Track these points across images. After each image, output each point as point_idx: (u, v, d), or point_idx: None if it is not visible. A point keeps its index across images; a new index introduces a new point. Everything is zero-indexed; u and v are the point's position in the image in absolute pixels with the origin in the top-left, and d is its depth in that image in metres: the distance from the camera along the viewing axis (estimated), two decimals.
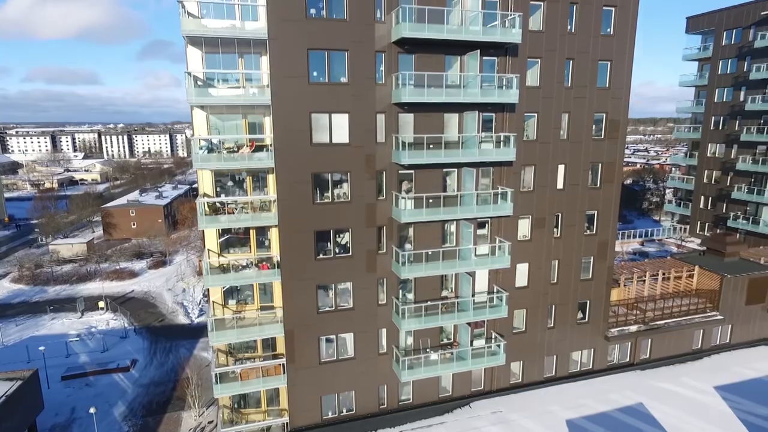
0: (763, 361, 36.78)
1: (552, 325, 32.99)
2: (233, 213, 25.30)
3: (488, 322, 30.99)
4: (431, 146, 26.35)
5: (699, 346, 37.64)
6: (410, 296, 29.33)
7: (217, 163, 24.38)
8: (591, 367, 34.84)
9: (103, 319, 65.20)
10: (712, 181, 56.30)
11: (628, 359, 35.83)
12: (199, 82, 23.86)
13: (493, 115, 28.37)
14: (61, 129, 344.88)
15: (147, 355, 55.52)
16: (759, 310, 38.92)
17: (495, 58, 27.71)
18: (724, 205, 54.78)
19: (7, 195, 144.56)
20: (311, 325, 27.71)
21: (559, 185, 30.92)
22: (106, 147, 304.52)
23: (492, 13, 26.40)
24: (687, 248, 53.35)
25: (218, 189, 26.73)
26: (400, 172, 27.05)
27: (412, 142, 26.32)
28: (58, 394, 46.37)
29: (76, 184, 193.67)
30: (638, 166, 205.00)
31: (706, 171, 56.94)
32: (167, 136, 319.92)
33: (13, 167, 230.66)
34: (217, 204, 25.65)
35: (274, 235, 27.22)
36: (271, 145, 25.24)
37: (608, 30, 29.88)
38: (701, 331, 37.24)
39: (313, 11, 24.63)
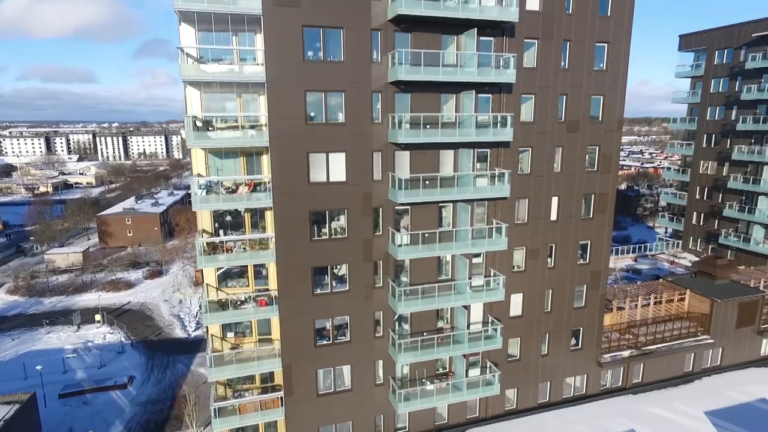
0: (753, 384, 37.48)
1: (546, 352, 33.53)
2: (231, 251, 25.64)
3: (483, 351, 31.47)
4: (427, 183, 26.75)
5: (690, 368, 38.31)
6: (406, 327, 29.77)
7: (216, 203, 24.73)
8: (584, 392, 35.43)
9: (100, 333, 65.33)
10: (704, 198, 57.04)
11: (620, 383, 36.45)
12: (198, 123, 24.15)
13: (488, 150, 28.81)
14: (56, 130, 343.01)
15: (144, 371, 55.75)
16: (749, 332, 39.63)
17: (490, 95, 28.15)
18: (716, 221, 55.54)
19: (0, 199, 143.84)
20: (309, 358, 28.11)
21: (553, 217, 31.42)
22: (101, 148, 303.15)
23: (487, 54, 26.73)
24: (680, 264, 54.08)
25: (216, 225, 27.06)
26: (396, 208, 27.47)
27: (408, 179, 26.72)
28: (55, 413, 46.54)
29: (71, 188, 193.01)
30: (633, 169, 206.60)
31: (698, 187, 57.68)
32: (162, 137, 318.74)
33: (7, 170, 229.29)
34: (216, 242, 25.99)
35: (272, 266, 27.56)
36: (269, 182, 25.58)
37: (601, 65, 30.37)
38: (692, 354, 37.91)
39: (310, 53, 24.96)
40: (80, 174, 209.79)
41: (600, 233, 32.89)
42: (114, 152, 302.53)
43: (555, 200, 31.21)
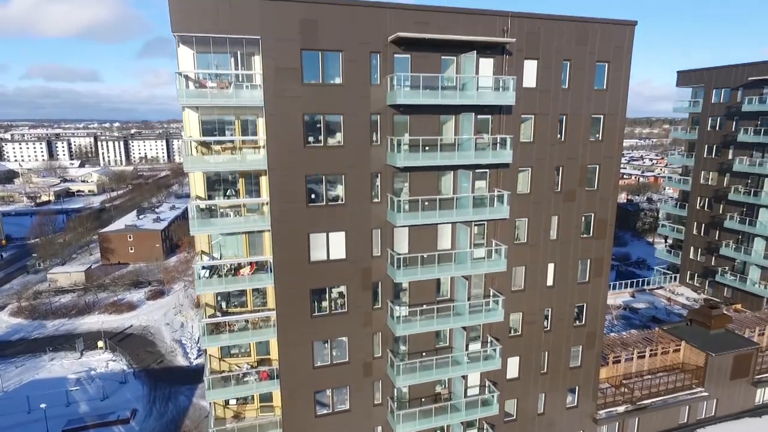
0: None
1: (542, 411, 34.12)
2: (234, 330, 26.25)
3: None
4: (425, 260, 27.32)
5: (685, 420, 38.87)
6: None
7: (219, 286, 25.33)
8: None
9: (102, 360, 65.98)
10: (701, 234, 57.55)
11: None
12: (202, 207, 24.75)
13: (485, 224, 29.33)
14: (57, 132, 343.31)
15: (146, 403, 56.40)
16: (744, 383, 40.18)
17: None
18: (713, 258, 56.04)
19: (3, 209, 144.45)
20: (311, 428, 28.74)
21: (549, 282, 31.98)
22: (103, 153, 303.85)
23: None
24: (676, 302, 54.60)
25: (219, 298, 27.66)
26: (395, 282, 27.99)
27: (407, 256, 27.31)
28: None
29: (73, 196, 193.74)
30: (633, 178, 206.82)
31: (695, 223, 58.17)
32: (164, 141, 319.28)
33: (9, 176, 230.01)
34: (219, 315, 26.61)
35: (273, 341, 28.16)
36: (271, 262, 26.15)
37: (597, 135, 30.89)
38: (687, 407, 38.47)
39: (311, 138, 25.52)
40: (82, 181, 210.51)
41: (595, 296, 33.44)
42: (115, 156, 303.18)
43: (551, 266, 31.77)
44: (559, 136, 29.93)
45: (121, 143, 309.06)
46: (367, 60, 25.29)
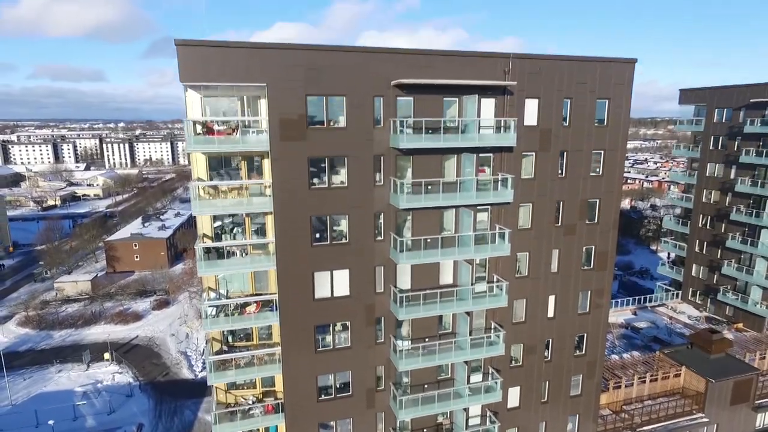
0: None
1: None
2: (240, 366, 26.85)
3: None
4: (428, 296, 27.81)
5: None
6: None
7: (226, 325, 25.93)
8: None
9: (109, 372, 66.80)
10: (703, 252, 57.77)
11: None
12: (210, 256, 25.33)
13: (487, 259, 29.78)
14: (63, 135, 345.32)
15: (152, 417, 57.12)
16: (744, 408, 40.49)
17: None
18: (715, 276, 56.27)
19: (10, 213, 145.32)
20: None
21: (550, 314, 32.42)
22: (108, 155, 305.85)
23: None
24: (678, 321, 54.85)
25: (225, 332, 28.25)
26: (398, 319, 28.48)
27: (410, 294, 27.85)
28: None
29: (79, 200, 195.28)
30: (636, 183, 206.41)
31: (697, 240, 58.41)
32: (168, 143, 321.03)
33: (16, 179, 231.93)
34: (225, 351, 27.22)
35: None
36: (276, 300, 26.73)
37: (597, 170, 31.28)
38: None
39: (315, 181, 26.06)
40: (88, 185, 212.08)
41: (596, 326, 33.86)
42: (121, 158, 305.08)
43: (552, 298, 32.21)
44: (559, 171, 30.34)
45: (126, 145, 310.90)
46: (371, 103, 25.79)
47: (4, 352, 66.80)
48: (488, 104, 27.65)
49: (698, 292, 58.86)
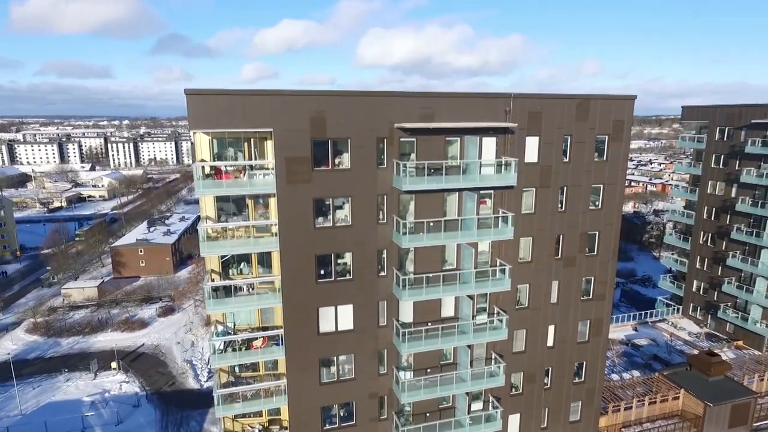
0: None
1: None
2: (247, 399, 27.64)
3: None
4: (429, 331, 28.50)
5: None
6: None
7: (234, 360, 26.72)
8: None
9: (116, 381, 67.73)
10: (704, 268, 58.18)
11: None
12: (218, 294, 26.09)
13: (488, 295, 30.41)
14: (68, 135, 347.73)
15: (159, 429, 58.01)
16: (741, 430, 41.02)
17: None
18: (716, 293, 56.70)
19: (16, 215, 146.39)
20: None
21: (550, 343, 33.06)
22: (113, 155, 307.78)
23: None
24: (678, 337, 55.34)
25: (234, 366, 29.04)
26: (400, 353, 29.18)
27: (410, 326, 28.55)
28: None
29: (84, 201, 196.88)
30: (640, 186, 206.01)
31: (698, 257, 58.83)
32: (173, 143, 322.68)
33: (22, 179, 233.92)
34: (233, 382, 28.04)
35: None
36: (282, 335, 27.49)
37: (597, 203, 31.83)
38: None
39: (320, 220, 26.74)
40: (93, 186, 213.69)
41: (595, 355, 34.50)
42: (125, 158, 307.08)
43: (551, 328, 32.84)
44: (559, 206, 30.91)
45: (131, 145, 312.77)
46: (374, 146, 26.42)
47: (13, 360, 68.02)
48: (489, 143, 28.23)
49: (699, 308, 59.34)
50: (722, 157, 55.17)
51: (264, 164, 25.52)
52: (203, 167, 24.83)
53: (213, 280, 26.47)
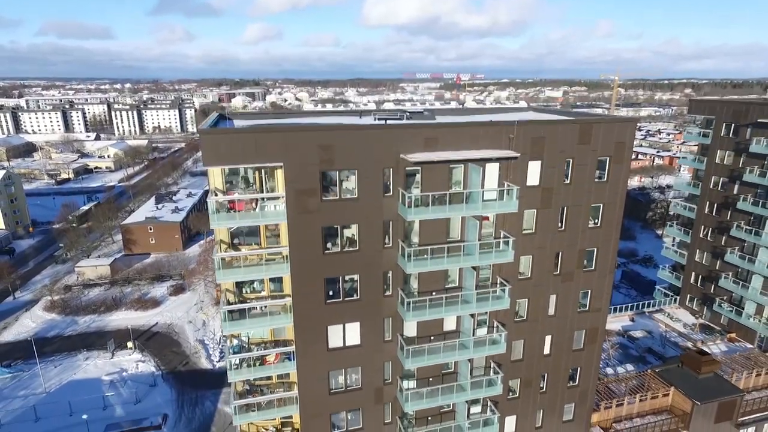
0: None
1: None
2: (262, 408, 29.76)
3: None
4: (431, 346, 30.23)
5: None
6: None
7: (248, 375, 28.65)
8: None
9: (132, 361, 70.99)
10: (703, 262, 59.39)
11: None
12: (233, 315, 27.73)
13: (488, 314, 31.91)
14: (71, 102, 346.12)
15: (175, 408, 61.26)
16: (727, 425, 43.31)
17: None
18: (713, 287, 58.12)
19: (25, 187, 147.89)
20: None
21: (546, 351, 34.82)
22: (117, 122, 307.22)
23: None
24: (674, 329, 57.20)
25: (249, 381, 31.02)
26: (405, 370, 31.01)
27: (414, 341, 30.26)
28: None
29: (91, 173, 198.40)
30: (647, 159, 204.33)
31: (698, 250, 59.92)
32: (176, 111, 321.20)
33: (28, 148, 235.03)
34: (248, 396, 30.13)
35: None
36: (294, 351, 29.32)
37: (596, 221, 32.81)
38: None
39: (329, 245, 27.98)
40: (99, 157, 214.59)
41: (589, 359, 36.31)
42: (129, 126, 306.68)
43: (548, 338, 34.54)
44: (559, 225, 31.93)
45: (135, 113, 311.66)
46: (380, 175, 27.34)
47: (34, 339, 71.31)
48: (492, 169, 29.04)
49: (695, 299, 60.94)
50: (726, 153, 55.37)
51: (275, 196, 26.54)
52: (217, 202, 25.90)
53: (229, 302, 28.03)
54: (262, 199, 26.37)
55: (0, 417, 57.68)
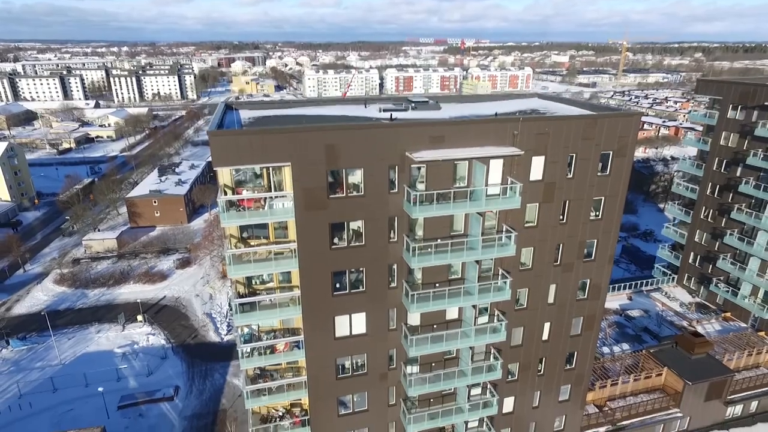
0: None
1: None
2: (273, 392, 31.29)
3: None
4: (434, 334, 31.45)
5: None
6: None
7: (259, 362, 30.00)
8: None
9: (143, 334, 73.17)
10: (702, 243, 60.18)
11: None
12: (244, 308, 28.79)
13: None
14: (68, 67, 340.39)
15: (186, 380, 63.67)
16: (717, 403, 45.18)
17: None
18: (711, 267, 59.12)
19: (27, 157, 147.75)
20: None
21: (545, 338, 36.09)
22: (116, 89, 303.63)
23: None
24: (670, 308, 58.58)
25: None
26: (409, 356, 32.30)
27: (418, 330, 31.47)
28: (117, 425, 54.95)
29: (93, 142, 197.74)
30: (653, 128, 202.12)
31: (698, 230, 60.60)
32: (175, 77, 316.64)
33: (28, 116, 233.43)
34: (259, 381, 31.65)
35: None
36: (302, 340, 30.57)
37: (597, 214, 33.36)
38: (662, 424, 43.86)
39: (336, 240, 28.73)
40: (100, 125, 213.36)
41: (586, 344, 37.63)
42: (129, 93, 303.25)
43: (547, 325, 35.73)
44: (561, 218, 32.53)
45: (134, 79, 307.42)
46: (386, 173, 27.80)
47: (47, 312, 73.42)
48: (496, 164, 29.42)
49: (693, 278, 62.09)
50: (731, 135, 55.21)
51: (283, 194, 27.09)
52: (227, 201, 26.48)
53: (239, 294, 29.04)
54: (271, 198, 26.93)
55: (20, 387, 60.14)
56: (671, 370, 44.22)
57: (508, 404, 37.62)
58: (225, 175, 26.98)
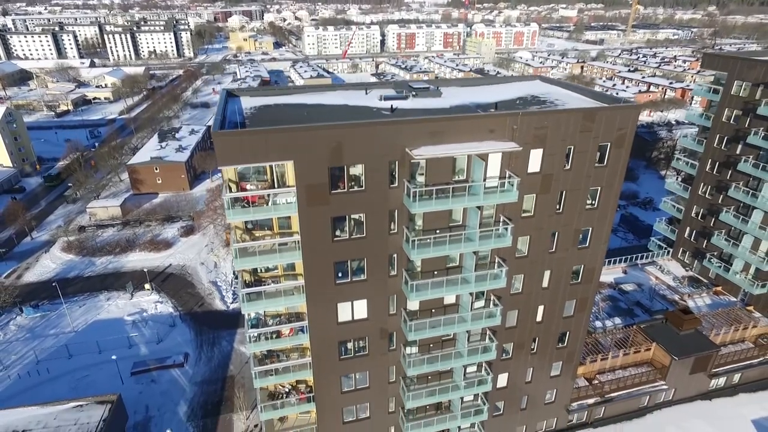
0: (693, 419, 46.29)
1: (524, 407, 42.10)
2: (279, 372, 33.15)
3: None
4: (434, 314, 32.94)
5: (645, 404, 46.93)
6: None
7: (266, 346, 31.66)
8: (554, 428, 44.74)
9: (151, 302, 75.49)
10: (699, 218, 61.06)
11: (584, 420, 45.52)
12: (251, 296, 30.10)
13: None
14: (61, 24, 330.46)
15: (195, 347, 66.28)
16: (701, 375, 47.42)
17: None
18: (705, 242, 60.27)
19: (26, 120, 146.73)
20: None
21: (538, 319, 37.65)
22: (110, 47, 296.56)
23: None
24: (664, 282, 60.19)
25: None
26: (408, 340, 33.90)
27: (417, 315, 32.97)
28: (131, 391, 57.81)
29: (90, 104, 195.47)
30: (659, 90, 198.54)
31: (695, 206, 61.34)
32: (171, 34, 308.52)
33: (22, 76, 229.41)
34: (266, 361, 33.43)
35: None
36: (307, 325, 32.11)
37: (593, 203, 34.10)
38: (648, 396, 46.25)
39: (338, 232, 29.66)
40: (97, 86, 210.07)
41: (578, 324, 39.25)
42: (124, 51, 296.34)
43: (541, 308, 37.20)
44: (557, 207, 33.29)
45: (128, 36, 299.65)
46: (387, 168, 28.38)
47: (58, 280, 75.38)
48: (495, 158, 29.92)
49: (687, 252, 63.38)
50: (734, 112, 54.96)
51: (286, 190, 27.79)
52: (232, 197, 27.23)
53: (246, 283, 30.31)
54: (274, 194, 27.66)
55: (37, 354, 62.78)
56: (660, 345, 46.18)
57: (502, 380, 39.68)
58: (229, 170, 27.59)
